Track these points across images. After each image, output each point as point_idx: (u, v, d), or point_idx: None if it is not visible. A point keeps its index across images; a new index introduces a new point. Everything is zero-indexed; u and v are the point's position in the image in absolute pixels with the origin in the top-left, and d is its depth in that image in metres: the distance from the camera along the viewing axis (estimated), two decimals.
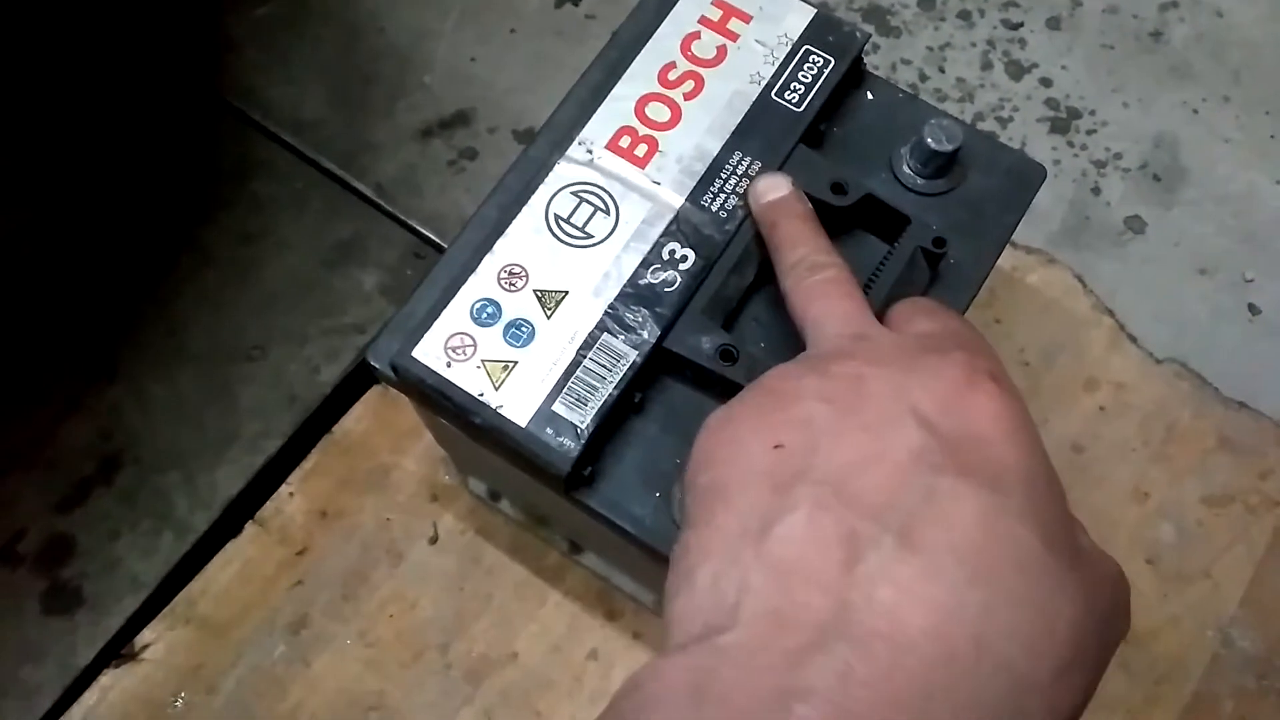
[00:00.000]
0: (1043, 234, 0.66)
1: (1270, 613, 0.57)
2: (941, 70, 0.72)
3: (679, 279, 0.40)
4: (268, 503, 0.57)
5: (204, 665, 0.54)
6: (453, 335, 0.39)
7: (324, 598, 0.55)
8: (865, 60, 0.45)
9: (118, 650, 0.53)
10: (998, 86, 0.71)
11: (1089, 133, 0.70)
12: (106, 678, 0.53)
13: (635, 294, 0.39)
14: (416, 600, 0.55)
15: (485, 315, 0.39)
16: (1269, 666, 0.56)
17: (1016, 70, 0.72)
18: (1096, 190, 0.68)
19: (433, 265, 0.42)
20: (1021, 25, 0.74)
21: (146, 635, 0.54)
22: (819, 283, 0.34)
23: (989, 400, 0.27)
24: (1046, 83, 0.72)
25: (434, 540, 0.57)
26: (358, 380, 0.61)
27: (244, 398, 0.59)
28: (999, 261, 0.43)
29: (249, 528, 0.56)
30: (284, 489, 0.57)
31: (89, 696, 0.52)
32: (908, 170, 0.43)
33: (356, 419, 0.59)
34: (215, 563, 0.56)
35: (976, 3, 0.74)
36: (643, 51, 0.43)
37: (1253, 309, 0.65)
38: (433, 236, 0.65)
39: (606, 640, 0.55)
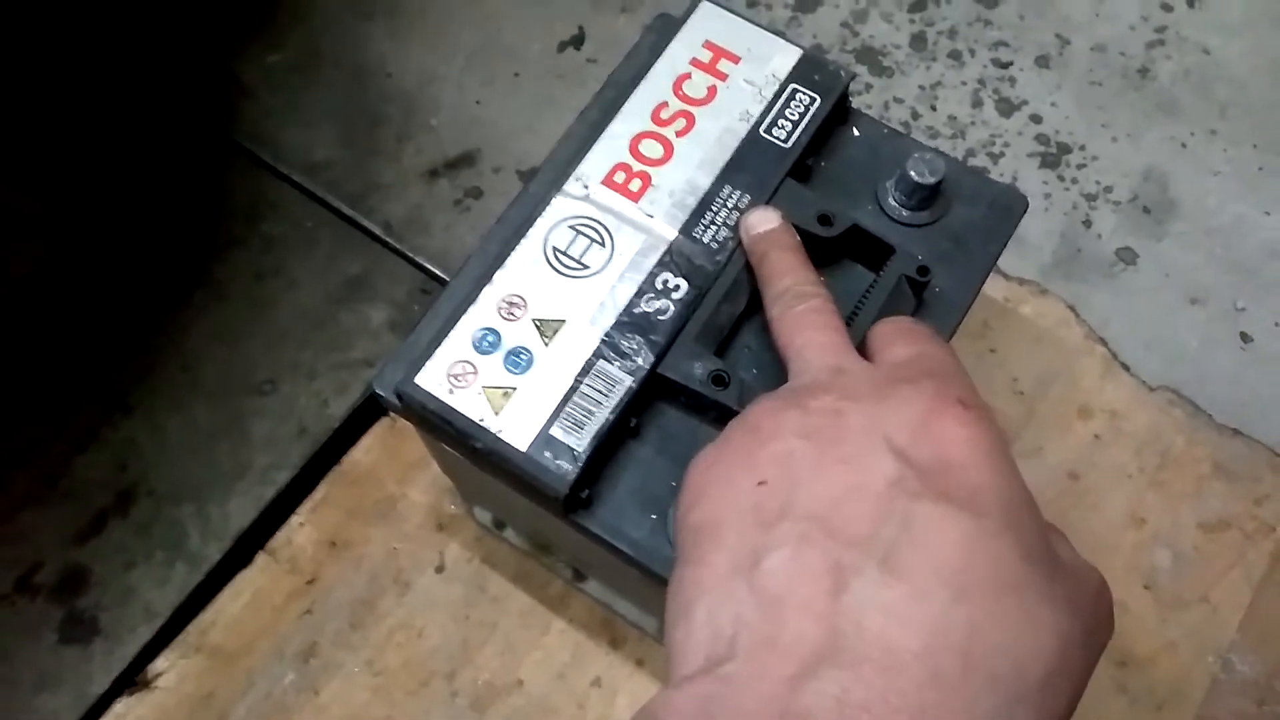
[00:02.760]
0: (1035, 265, 0.68)
1: (1269, 637, 0.57)
2: (933, 108, 0.73)
3: (672, 307, 0.41)
4: (278, 533, 0.58)
5: (215, 693, 0.55)
6: (455, 363, 0.40)
7: (332, 626, 0.56)
8: (857, 99, 0.47)
9: (132, 679, 0.55)
10: (989, 123, 0.73)
11: (1079, 167, 0.72)
12: (120, 705, 0.54)
13: (630, 322, 0.41)
14: (423, 629, 0.56)
15: (486, 344, 0.41)
16: (1269, 691, 0.56)
17: (1007, 107, 0.74)
18: (1088, 223, 0.70)
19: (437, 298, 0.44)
20: (1011, 64, 0.76)
21: (159, 664, 0.55)
22: (802, 313, 0.36)
23: (959, 426, 0.28)
24: (1036, 119, 0.74)
25: (440, 569, 0.58)
26: (366, 413, 0.62)
27: (255, 430, 0.61)
28: (992, 292, 0.45)
29: (259, 558, 0.58)
30: (294, 519, 0.59)
31: None
32: (893, 202, 0.45)
33: (365, 451, 0.61)
34: (226, 593, 0.57)
35: (967, 43, 0.76)
36: (636, 91, 0.45)
37: (1244, 337, 0.66)
38: (439, 273, 0.67)
39: (610, 668, 0.56)
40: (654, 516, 0.40)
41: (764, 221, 0.41)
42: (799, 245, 0.40)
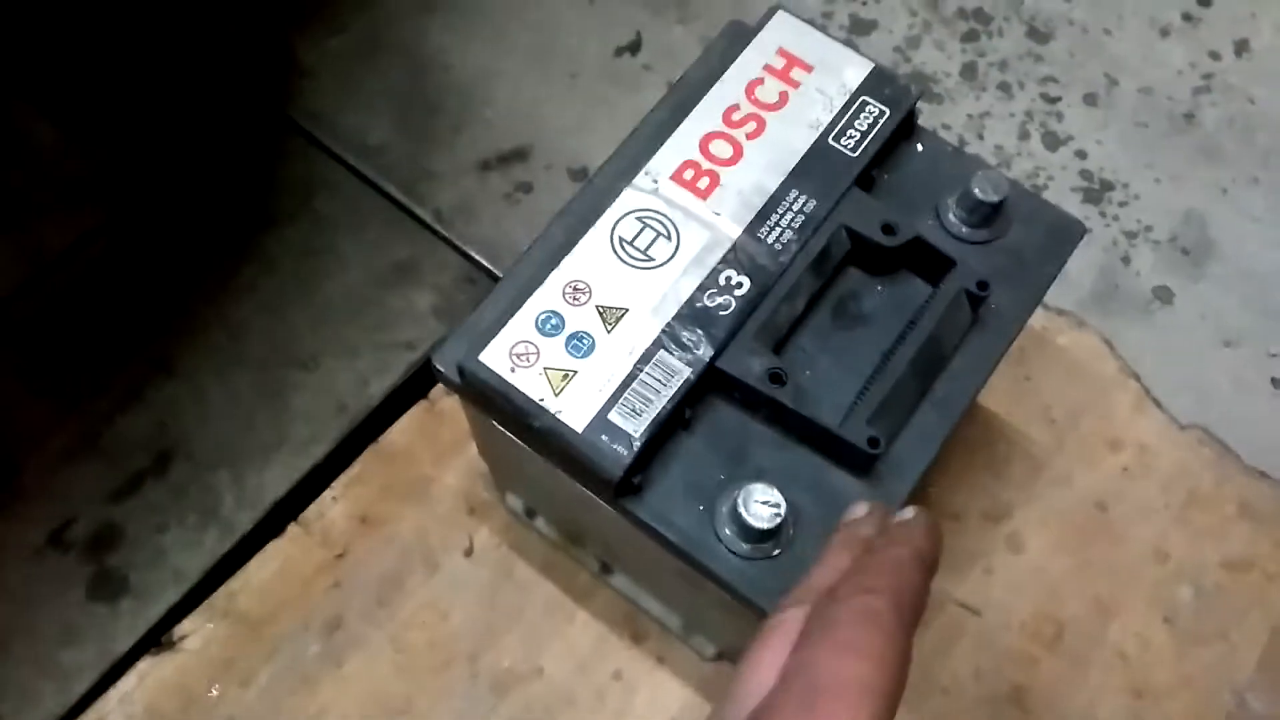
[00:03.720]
0: (1074, 298, 0.68)
1: None
2: (981, 137, 0.74)
3: (734, 304, 0.42)
4: (311, 506, 0.59)
5: (239, 659, 0.55)
6: (518, 343, 0.41)
7: (360, 601, 0.57)
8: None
9: (157, 639, 0.55)
10: (1034, 156, 0.74)
11: (1121, 204, 0.73)
12: (144, 664, 0.54)
13: (691, 315, 0.42)
14: (449, 610, 0.57)
15: (549, 326, 0.41)
16: None
17: (1053, 141, 0.75)
18: (1126, 260, 0.71)
19: (491, 287, 0.45)
20: (1059, 100, 0.77)
21: (185, 626, 0.55)
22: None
23: None
24: (1081, 155, 0.74)
25: (469, 553, 0.59)
26: (405, 395, 0.63)
27: (295, 404, 0.62)
28: (1031, 321, 0.45)
29: (291, 528, 0.58)
30: (327, 494, 0.59)
31: (126, 682, 0.54)
32: (953, 219, 0.46)
33: (401, 431, 0.61)
34: (256, 560, 0.57)
35: (1017, 75, 0.77)
36: (709, 93, 0.46)
37: (1275, 383, 0.67)
38: (486, 264, 0.67)
39: (631, 662, 0.56)
40: (700, 508, 0.41)
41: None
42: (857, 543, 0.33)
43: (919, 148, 0.48)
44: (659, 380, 0.41)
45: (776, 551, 0.40)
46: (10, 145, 0.67)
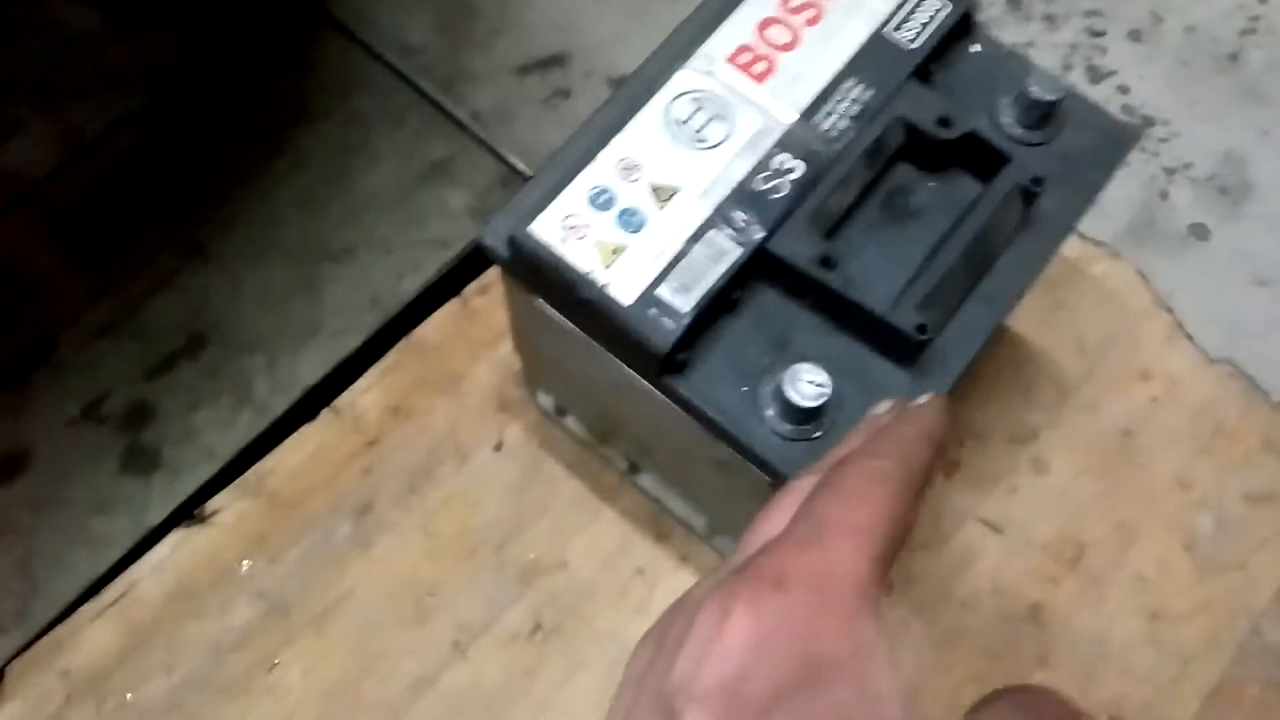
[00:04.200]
0: (1110, 230, 0.68)
1: None
2: None
3: (786, 188, 0.42)
4: (344, 394, 0.59)
5: (270, 536, 0.56)
6: (569, 215, 0.41)
7: (390, 488, 0.57)
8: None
9: (188, 513, 0.55)
10: (1076, 89, 0.73)
11: (1161, 140, 0.72)
12: (176, 536, 0.55)
13: (743, 197, 0.41)
14: (478, 500, 0.57)
15: (601, 200, 0.41)
16: None
17: (1096, 75, 0.74)
18: (1164, 195, 0.70)
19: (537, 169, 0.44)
20: (1104, 34, 0.76)
21: (217, 502, 0.56)
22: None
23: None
24: (1124, 90, 0.74)
25: (499, 447, 0.59)
26: (438, 292, 0.63)
27: (329, 294, 0.62)
28: (1066, 250, 0.45)
29: (324, 414, 0.58)
30: (360, 382, 0.59)
31: (158, 551, 0.54)
32: (1007, 119, 0.45)
33: (435, 327, 0.62)
34: (289, 443, 0.58)
35: (1062, 7, 0.76)
36: None
37: None
38: (521, 167, 0.67)
39: (654, 559, 0.57)
40: (744, 388, 0.41)
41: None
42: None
43: (976, 47, 0.47)
44: (709, 259, 0.41)
45: (818, 434, 0.40)
46: (51, 28, 0.67)
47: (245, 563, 0.55)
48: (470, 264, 0.62)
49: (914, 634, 0.57)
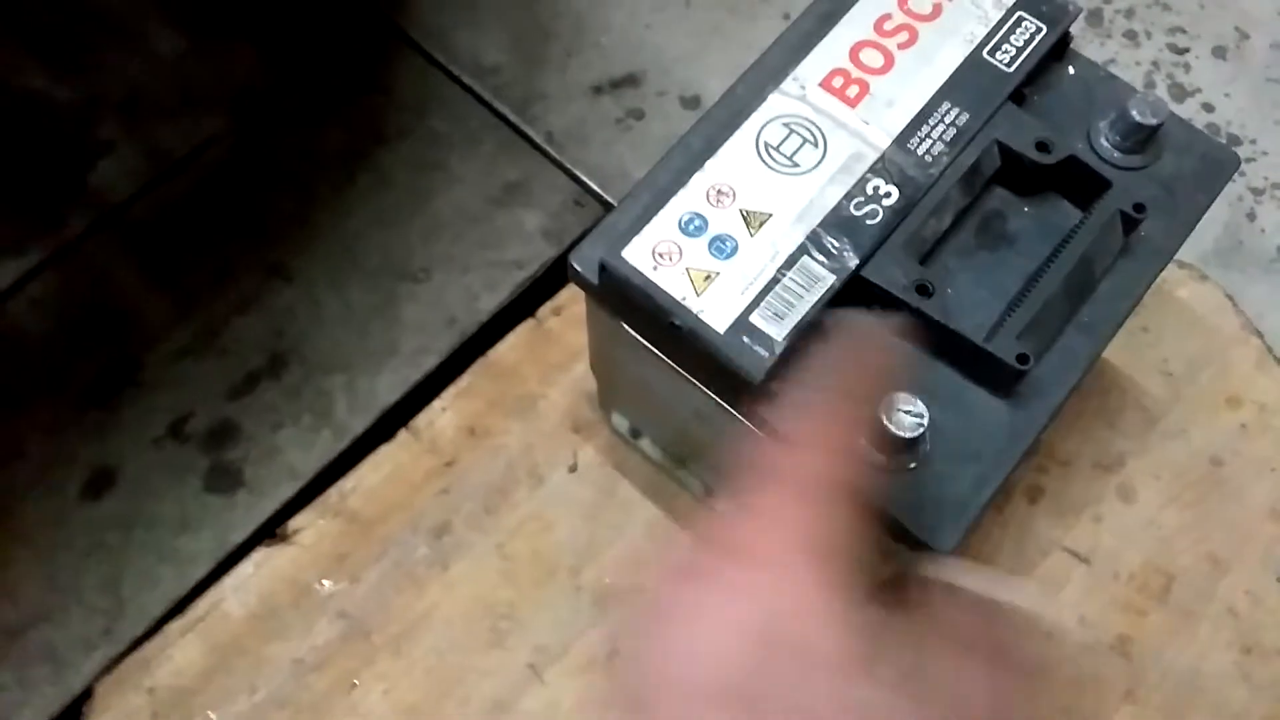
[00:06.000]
0: (1196, 251, 0.66)
1: None
2: None
3: (881, 213, 0.41)
4: (420, 414, 0.59)
5: (349, 556, 0.56)
6: (660, 242, 0.41)
7: (467, 508, 0.57)
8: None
9: (270, 532, 0.56)
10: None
11: (1248, 160, 0.70)
12: (259, 554, 0.55)
13: (837, 223, 0.41)
14: (553, 523, 0.57)
15: (692, 227, 0.41)
16: None
17: (1179, 93, 0.73)
18: (1252, 216, 0.69)
19: (599, 211, 0.45)
20: (1187, 51, 0.74)
21: (298, 521, 0.56)
22: None
23: None
24: (1208, 108, 0.72)
25: (573, 469, 0.59)
26: (512, 313, 0.63)
27: (407, 314, 0.62)
28: None
29: (401, 434, 0.59)
30: (437, 403, 0.60)
31: (242, 570, 0.55)
32: (1105, 143, 0.44)
33: (510, 348, 0.62)
34: (368, 463, 0.58)
35: (1144, 24, 0.75)
36: (859, 2, 0.45)
37: None
38: (595, 187, 0.67)
39: None
40: None
41: None
42: None
43: (1071, 70, 0.46)
44: (802, 286, 0.40)
45: (913, 465, 0.40)
46: (138, 50, 0.68)
47: (326, 582, 0.55)
48: (544, 284, 0.62)
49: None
